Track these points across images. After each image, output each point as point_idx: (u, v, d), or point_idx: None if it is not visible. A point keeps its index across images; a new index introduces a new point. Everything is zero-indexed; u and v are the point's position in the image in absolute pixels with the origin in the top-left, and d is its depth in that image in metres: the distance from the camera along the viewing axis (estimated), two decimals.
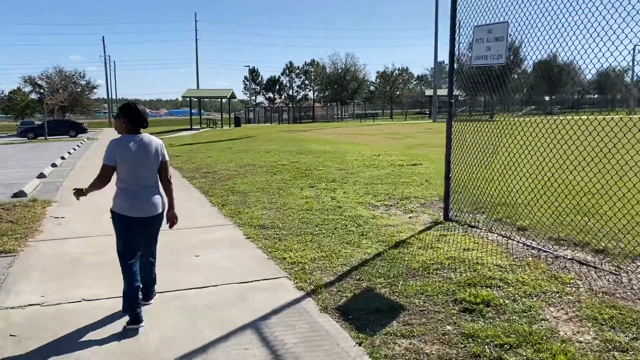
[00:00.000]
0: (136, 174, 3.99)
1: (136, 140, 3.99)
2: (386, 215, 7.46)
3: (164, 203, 4.25)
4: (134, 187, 4.00)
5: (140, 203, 4.01)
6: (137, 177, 4.00)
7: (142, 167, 4.00)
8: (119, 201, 4.00)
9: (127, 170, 3.96)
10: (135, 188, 4.00)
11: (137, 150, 3.95)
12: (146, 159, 4.01)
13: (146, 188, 4.05)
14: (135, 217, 4.00)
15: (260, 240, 6.35)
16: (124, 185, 4.00)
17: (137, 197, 4.00)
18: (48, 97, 39.01)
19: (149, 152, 4.03)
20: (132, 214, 3.98)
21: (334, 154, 15.92)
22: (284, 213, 7.81)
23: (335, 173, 11.62)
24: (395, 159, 13.79)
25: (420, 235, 6.30)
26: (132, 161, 3.95)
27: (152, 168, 4.08)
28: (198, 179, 11.81)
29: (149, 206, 4.06)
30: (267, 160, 14.88)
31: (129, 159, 3.94)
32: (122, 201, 3.98)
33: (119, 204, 3.99)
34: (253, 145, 20.65)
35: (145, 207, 4.04)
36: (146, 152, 4.01)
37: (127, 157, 3.93)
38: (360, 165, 12.74)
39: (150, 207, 4.07)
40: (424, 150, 16.70)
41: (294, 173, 11.86)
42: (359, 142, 20.90)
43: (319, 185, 10.08)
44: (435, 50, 47.77)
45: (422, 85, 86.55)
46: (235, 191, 9.84)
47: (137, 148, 3.96)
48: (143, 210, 4.03)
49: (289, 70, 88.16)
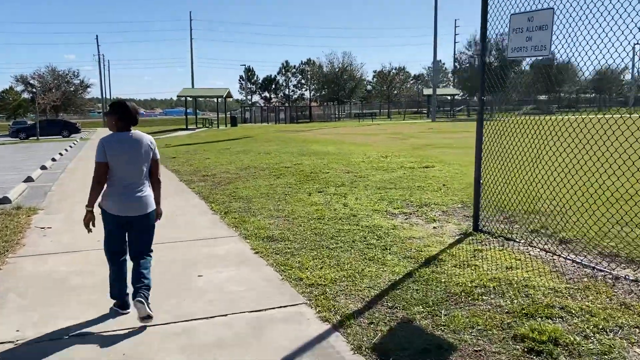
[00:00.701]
0: (126, 171, 3.94)
1: (126, 137, 3.96)
2: (407, 226, 6.74)
3: (154, 201, 4.15)
4: (123, 185, 3.94)
5: (130, 201, 3.96)
6: (126, 175, 3.95)
7: (132, 165, 3.95)
8: (108, 199, 3.96)
9: (117, 167, 3.91)
10: (125, 186, 3.95)
11: (127, 148, 3.92)
12: (136, 156, 3.96)
13: (136, 186, 3.99)
14: (124, 215, 3.97)
15: (271, 255, 5.63)
16: (113, 183, 3.95)
17: (126, 195, 3.95)
18: (40, 97, 38.03)
19: (139, 150, 3.97)
20: (121, 212, 3.96)
21: (338, 155, 15.20)
22: (293, 222, 7.09)
23: (343, 176, 10.90)
24: (404, 161, 13.08)
25: (451, 250, 5.59)
26: (122, 159, 3.91)
27: (142, 166, 4.01)
28: (197, 182, 11.06)
29: (138, 205, 3.99)
30: (269, 162, 14.14)
31: (119, 157, 3.90)
32: (111, 199, 3.95)
33: (107, 202, 3.96)
34: (252, 146, 19.91)
35: (134, 205, 3.98)
36: (136, 150, 3.96)
37: (116, 154, 3.89)
38: (369, 168, 12.03)
39: (140, 205, 4.00)
40: (433, 151, 16.01)
41: (299, 176, 11.13)
42: (362, 143, 20.19)
43: (328, 190, 9.36)
44: (434, 48, 47.11)
45: (419, 85, 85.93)
46: (238, 197, 9.11)
47: (127, 145, 3.93)
48: (132, 208, 3.98)
49: (285, 69, 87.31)
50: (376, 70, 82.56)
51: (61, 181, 12.02)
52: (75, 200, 9.31)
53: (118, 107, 3.97)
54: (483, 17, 6.19)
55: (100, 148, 3.89)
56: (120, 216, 3.97)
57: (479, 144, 6.33)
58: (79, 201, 9.11)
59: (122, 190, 3.95)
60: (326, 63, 72.08)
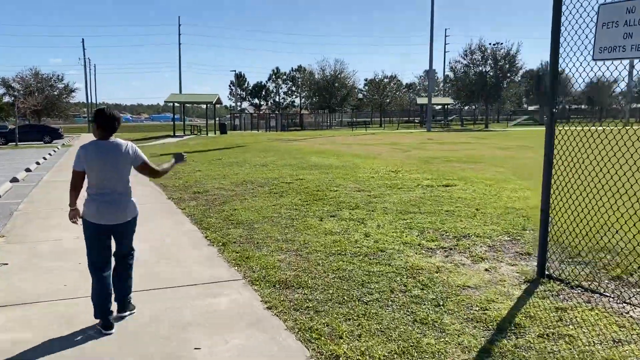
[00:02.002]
0: (105, 179, 3.91)
1: (105, 145, 3.94)
2: (452, 267, 5.45)
3: (135, 209, 4.14)
4: (102, 193, 3.92)
5: (109, 209, 3.93)
6: (105, 183, 3.92)
7: (110, 173, 3.92)
8: (87, 207, 3.93)
9: (96, 176, 3.90)
10: (104, 194, 3.92)
11: (105, 156, 3.90)
12: (115, 164, 3.93)
13: (116, 194, 3.96)
14: (104, 224, 3.93)
15: (289, 312, 4.30)
16: (92, 191, 3.94)
17: (106, 203, 3.92)
18: (20, 101, 36.26)
19: (118, 157, 3.95)
20: (101, 220, 3.91)
21: (343, 169, 13.89)
22: (308, 259, 5.76)
23: (355, 196, 9.59)
24: (418, 177, 11.81)
25: (526, 309, 4.29)
26: (101, 166, 3.88)
27: (121, 173, 3.99)
28: (187, 201, 9.68)
29: (118, 213, 3.97)
30: (267, 176, 12.80)
31: (97, 165, 3.88)
32: (90, 207, 3.92)
33: (87, 210, 3.92)
34: (246, 157, 18.54)
35: (112, 214, 3.94)
36: (115, 157, 3.93)
37: (95, 162, 3.88)
38: (381, 185, 10.73)
39: (120, 213, 3.98)
40: (444, 166, 14.77)
41: (304, 195, 9.80)
42: (364, 155, 18.91)
43: (342, 214, 8.04)
44: (430, 57, 46.25)
45: (411, 94, 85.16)
46: (237, 221, 7.76)
47: (106, 153, 3.91)
48: (112, 217, 3.95)
49: (275, 76, 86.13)
50: (367, 78, 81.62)
51: (33, 197, 10.56)
52: (47, 223, 7.89)
53: (97, 115, 3.95)
54: (556, 12, 4.91)
55: (78, 156, 3.90)
56: (101, 225, 3.91)
57: (547, 166, 5.03)
58: (51, 225, 7.70)
59: (102, 198, 3.90)
60: (318, 70, 70.96)
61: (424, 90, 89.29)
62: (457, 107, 68.76)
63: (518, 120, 63.98)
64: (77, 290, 4.89)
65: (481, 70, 52.77)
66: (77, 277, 5.25)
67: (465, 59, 53.32)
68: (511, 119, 67.58)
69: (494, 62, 51.80)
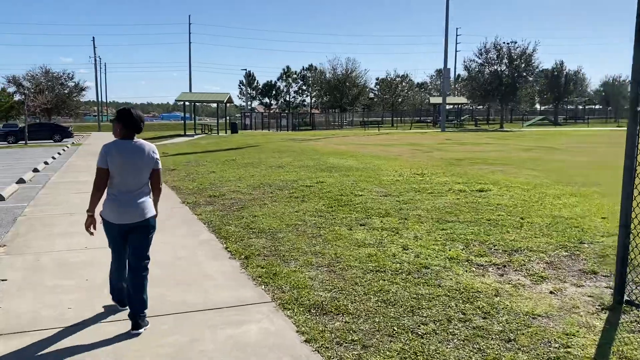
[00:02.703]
0: (125, 179, 3.91)
1: (128, 145, 3.92)
2: (511, 289, 4.74)
3: (153, 209, 4.07)
4: (121, 193, 3.92)
5: (128, 209, 3.92)
6: (126, 183, 3.92)
7: (131, 173, 3.91)
8: (106, 207, 3.95)
9: (117, 175, 3.89)
10: (123, 194, 3.92)
11: (128, 156, 3.89)
12: (137, 164, 3.92)
13: (135, 194, 3.95)
14: (123, 223, 3.93)
15: (332, 348, 3.62)
16: (112, 191, 3.94)
17: (125, 202, 3.92)
18: (29, 99, 35.81)
19: (141, 158, 3.93)
20: (119, 220, 3.92)
21: (364, 171, 13.19)
22: (344, 277, 5.08)
23: (383, 202, 8.89)
24: (447, 181, 11.08)
25: (617, 348, 3.58)
26: (122, 166, 3.88)
27: (142, 174, 3.97)
28: (202, 206, 9.03)
29: (135, 212, 3.94)
30: (285, 178, 12.13)
31: (120, 164, 3.87)
32: (109, 207, 3.93)
33: (108, 211, 3.93)
34: (260, 157, 17.88)
35: (130, 213, 3.93)
36: (138, 158, 3.92)
37: (117, 162, 3.87)
38: (409, 190, 10.02)
39: (138, 212, 3.95)
40: (472, 168, 14.01)
41: (327, 200, 9.12)
42: (383, 156, 18.18)
43: (372, 222, 7.36)
44: (445, 56, 45.32)
45: (422, 93, 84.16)
46: (258, 229, 7.10)
47: (129, 153, 3.89)
48: (128, 216, 3.93)
49: (286, 74, 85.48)
50: (378, 77, 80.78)
51: (39, 200, 9.96)
52: (52, 231, 7.26)
53: (123, 115, 3.92)
54: None
55: (102, 154, 3.88)
56: (120, 224, 3.94)
57: (629, 175, 4.30)
58: (57, 233, 7.07)
59: (121, 198, 3.91)
60: (329, 69, 70.15)
61: (436, 90, 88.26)
62: (470, 107, 67.83)
63: (533, 120, 62.86)
64: (83, 313, 4.25)
65: (496, 69, 51.74)
66: (84, 298, 4.61)
67: (480, 58, 52.33)
68: (524, 119, 66.53)
69: (509, 61, 50.77)
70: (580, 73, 70.80)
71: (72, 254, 6.04)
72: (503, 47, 50.58)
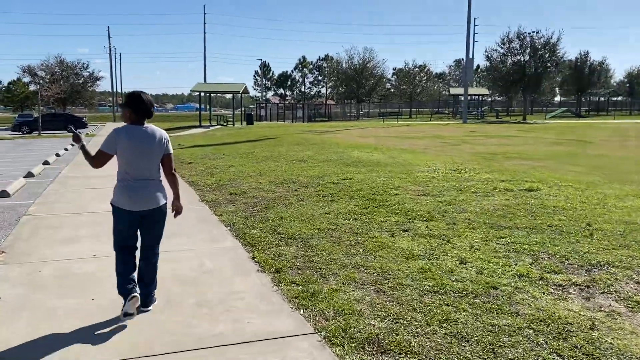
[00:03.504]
0: (136, 165, 3.81)
1: (139, 130, 3.81)
2: (606, 319, 3.87)
3: (165, 196, 4.01)
4: (133, 179, 3.81)
5: (139, 196, 3.83)
6: (137, 169, 3.82)
7: (143, 159, 3.82)
8: (117, 194, 3.85)
9: (127, 161, 3.79)
10: (135, 180, 3.82)
11: (139, 141, 3.78)
12: (148, 150, 3.83)
13: (146, 180, 3.87)
14: (134, 210, 3.82)
15: None
16: (123, 177, 3.84)
17: (136, 189, 3.82)
18: (43, 89, 35.30)
19: (152, 144, 3.84)
20: (130, 207, 3.82)
21: (394, 166, 12.30)
22: (397, 299, 4.25)
23: (423, 202, 8.02)
24: (489, 178, 10.16)
25: None
26: (133, 152, 3.77)
27: (153, 160, 3.88)
28: (223, 205, 8.23)
29: (148, 198, 3.87)
30: (309, 174, 11.29)
31: (130, 150, 3.76)
32: (120, 194, 3.83)
33: (118, 198, 3.83)
34: (279, 150, 17.05)
35: (143, 199, 3.85)
36: (149, 144, 3.82)
37: (127, 147, 3.75)
38: (449, 188, 9.13)
39: (150, 199, 3.87)
40: (509, 163, 13.06)
41: (359, 200, 8.27)
42: (410, 149, 17.26)
43: (415, 227, 6.50)
44: (467, 44, 43.97)
45: (440, 84, 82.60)
46: (287, 234, 6.29)
47: (139, 139, 3.78)
48: (141, 203, 3.85)
49: (301, 65, 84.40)
50: (395, 67, 79.34)
51: (46, 197, 9.23)
52: (58, 235, 6.50)
53: (133, 99, 3.80)
54: None
55: (111, 138, 3.75)
56: (132, 211, 3.82)
57: None
58: (63, 238, 6.31)
59: (133, 185, 3.81)
60: (346, 59, 68.95)
61: (454, 81, 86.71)
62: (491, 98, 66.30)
63: (555, 112, 61.19)
64: (87, 350, 3.46)
65: (519, 60, 50.19)
66: (88, 322, 3.83)
67: (503, 48, 50.78)
68: (547, 110, 64.89)
69: (533, 50, 49.21)
70: (604, 64, 68.94)
71: (77, 264, 5.27)
72: (526, 37, 49.01)
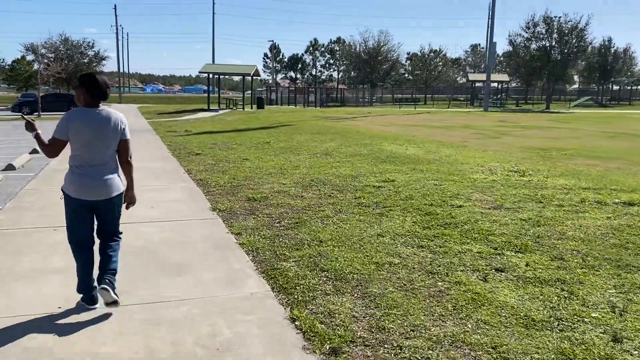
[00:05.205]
0: (90, 151, 3.58)
1: (93, 114, 3.59)
2: None
3: (121, 185, 3.76)
4: (86, 166, 3.60)
5: (92, 184, 3.60)
6: (90, 155, 3.59)
7: (96, 145, 3.58)
8: (69, 180, 3.62)
9: (80, 147, 3.56)
10: (88, 167, 3.60)
11: (92, 126, 3.55)
12: (102, 135, 3.58)
13: (100, 168, 3.62)
14: (86, 199, 3.61)
15: None
16: (75, 164, 3.62)
17: (89, 177, 3.59)
18: (43, 67, 33.42)
19: (107, 128, 3.60)
20: (82, 196, 3.59)
21: (438, 164, 10.43)
22: None
23: (500, 219, 6.16)
24: (566, 185, 8.25)
25: None
26: (86, 137, 3.54)
27: (108, 146, 3.64)
28: (241, 217, 6.41)
29: (102, 188, 3.63)
30: (339, 172, 9.45)
31: (83, 135, 3.53)
32: (72, 181, 3.60)
33: (69, 185, 3.61)
34: (299, 140, 15.17)
35: (97, 189, 3.62)
36: (103, 128, 3.59)
37: (80, 132, 3.53)
38: (522, 198, 7.27)
39: (104, 188, 3.64)
40: (576, 162, 11.13)
41: (416, 214, 6.44)
42: (447, 142, 15.32)
43: (510, 263, 4.68)
44: (490, 27, 41.65)
45: (455, 69, 79.95)
46: (335, 272, 4.49)
47: (93, 123, 3.57)
48: (95, 192, 3.61)
49: (313, 47, 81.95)
50: (409, 52, 76.70)
51: (21, 200, 7.43)
52: (19, 264, 4.70)
53: (86, 80, 3.60)
54: None
55: (63, 123, 3.53)
56: (83, 200, 3.60)
57: None
58: (24, 273, 4.49)
59: (86, 172, 3.58)
60: (360, 41, 66.46)
61: (470, 66, 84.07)
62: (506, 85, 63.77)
63: (579, 100, 58.67)
64: None
65: (544, 45, 47.67)
66: None
67: (527, 32, 48.23)
68: (563, 99, 62.36)
69: (559, 36, 46.67)
70: (629, 51, 66.11)
71: (33, 328, 3.47)
72: (554, 21, 46.40)
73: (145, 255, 4.95)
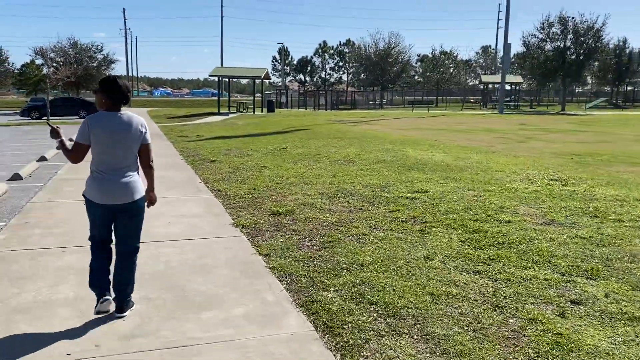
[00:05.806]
0: (111, 156, 3.53)
1: (114, 118, 3.54)
2: None
3: (142, 189, 3.70)
4: (107, 171, 3.54)
5: (113, 189, 3.55)
6: (111, 160, 3.54)
7: (118, 149, 3.53)
8: (90, 185, 3.59)
9: (102, 151, 3.52)
10: (109, 172, 3.55)
11: (113, 130, 3.50)
12: (124, 139, 3.53)
13: (121, 172, 3.57)
14: (106, 204, 3.55)
15: None
16: (96, 168, 3.57)
17: (110, 182, 3.54)
18: (51, 71, 33.04)
19: (128, 133, 3.55)
20: (103, 200, 3.55)
21: (471, 172, 9.78)
22: None
23: (558, 238, 5.52)
24: (617, 196, 7.59)
25: None
26: (107, 141, 3.50)
27: (129, 150, 3.59)
28: (267, 234, 5.81)
29: (122, 192, 3.56)
30: (366, 182, 8.83)
31: (104, 139, 3.49)
32: (93, 186, 3.57)
33: (90, 189, 3.59)
34: (317, 146, 14.56)
35: (118, 193, 3.55)
36: (124, 132, 3.53)
37: (101, 136, 3.48)
38: (573, 212, 6.62)
39: (124, 193, 3.57)
40: (616, 170, 10.45)
41: (461, 231, 5.81)
42: (473, 147, 14.63)
43: (586, 293, 4.07)
44: (505, 27, 40.91)
45: (466, 71, 79.00)
46: (385, 306, 3.89)
47: (114, 127, 3.51)
48: (115, 196, 3.55)
49: (322, 50, 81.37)
50: (420, 54, 75.91)
51: (26, 215, 6.86)
52: (22, 297, 4.12)
53: (107, 84, 3.54)
54: None
55: (84, 128, 3.48)
56: (104, 205, 3.55)
57: None
58: (26, 306, 3.89)
59: (106, 177, 3.53)
60: (370, 43, 65.75)
61: (481, 68, 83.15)
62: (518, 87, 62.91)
63: (594, 102, 57.63)
64: None
65: (559, 46, 46.71)
66: None
67: (542, 33, 47.30)
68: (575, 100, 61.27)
69: (575, 36, 45.76)
70: None
71: None
72: (569, 21, 45.46)
73: (166, 284, 4.36)
